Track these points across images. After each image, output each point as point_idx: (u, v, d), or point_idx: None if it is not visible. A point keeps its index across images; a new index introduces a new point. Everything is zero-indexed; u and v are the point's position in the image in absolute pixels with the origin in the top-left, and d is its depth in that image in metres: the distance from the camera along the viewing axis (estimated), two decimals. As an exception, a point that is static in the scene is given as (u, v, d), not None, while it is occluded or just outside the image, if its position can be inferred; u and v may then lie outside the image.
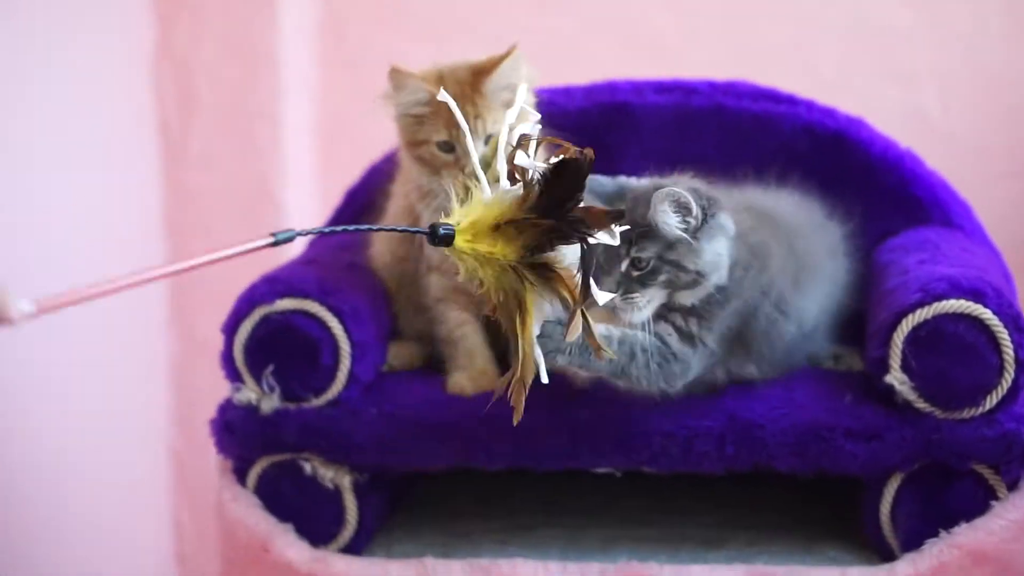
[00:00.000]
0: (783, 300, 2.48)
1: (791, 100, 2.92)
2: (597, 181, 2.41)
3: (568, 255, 1.95)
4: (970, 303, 2.38)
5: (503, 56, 2.47)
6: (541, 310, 1.98)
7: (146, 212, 3.67)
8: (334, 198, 3.59)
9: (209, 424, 2.58)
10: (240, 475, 2.58)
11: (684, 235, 2.30)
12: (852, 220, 2.74)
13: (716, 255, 2.34)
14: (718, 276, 2.36)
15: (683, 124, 2.89)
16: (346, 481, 2.54)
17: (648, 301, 2.33)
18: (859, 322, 2.68)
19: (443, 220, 1.93)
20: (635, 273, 2.33)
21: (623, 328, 2.33)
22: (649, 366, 2.33)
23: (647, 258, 2.32)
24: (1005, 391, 2.39)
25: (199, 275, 3.59)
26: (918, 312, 2.40)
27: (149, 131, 3.66)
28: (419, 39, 3.71)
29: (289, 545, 2.52)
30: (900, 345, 2.41)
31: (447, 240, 1.91)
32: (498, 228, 1.94)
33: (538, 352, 2.00)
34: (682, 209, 2.29)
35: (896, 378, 2.41)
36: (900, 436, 2.41)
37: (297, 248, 3.18)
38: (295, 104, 3.70)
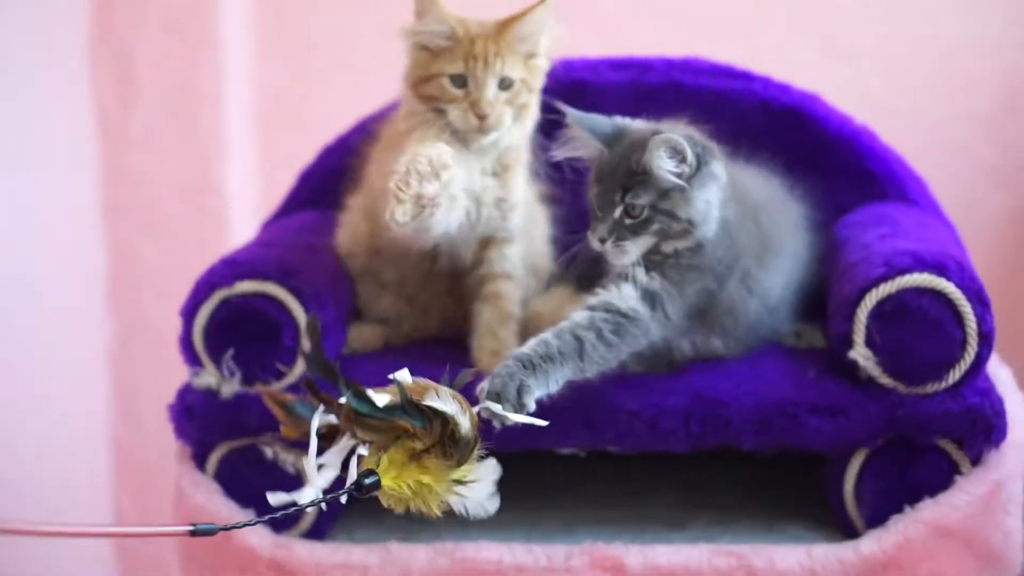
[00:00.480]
0: (749, 276, 2.49)
1: (746, 76, 2.92)
2: (594, 120, 2.43)
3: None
4: (934, 277, 2.39)
5: (532, 7, 2.46)
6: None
7: (85, 196, 3.62)
8: (275, 181, 3.56)
9: (168, 409, 2.54)
10: (199, 461, 2.54)
11: (679, 181, 2.33)
12: (809, 195, 2.74)
13: (707, 203, 2.37)
14: (707, 227, 2.38)
15: (639, 101, 2.87)
16: (307, 465, 2.51)
17: (636, 248, 2.37)
18: (819, 298, 2.69)
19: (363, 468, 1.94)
20: (628, 221, 2.36)
21: (555, 327, 2.33)
22: (602, 339, 2.33)
23: (641, 206, 2.35)
24: (968, 365, 2.40)
25: (139, 260, 3.59)
26: (882, 286, 2.40)
27: (88, 115, 3.60)
28: (361, 20, 3.68)
29: (251, 531, 2.49)
30: (864, 320, 2.41)
31: (374, 487, 1.91)
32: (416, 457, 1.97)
33: (497, 407, 2.11)
34: (677, 155, 2.32)
35: (860, 353, 2.42)
36: (864, 411, 2.41)
37: (252, 230, 3.15)
38: (236, 87, 3.66)
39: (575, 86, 2.87)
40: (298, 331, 2.47)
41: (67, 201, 3.56)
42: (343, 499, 1.95)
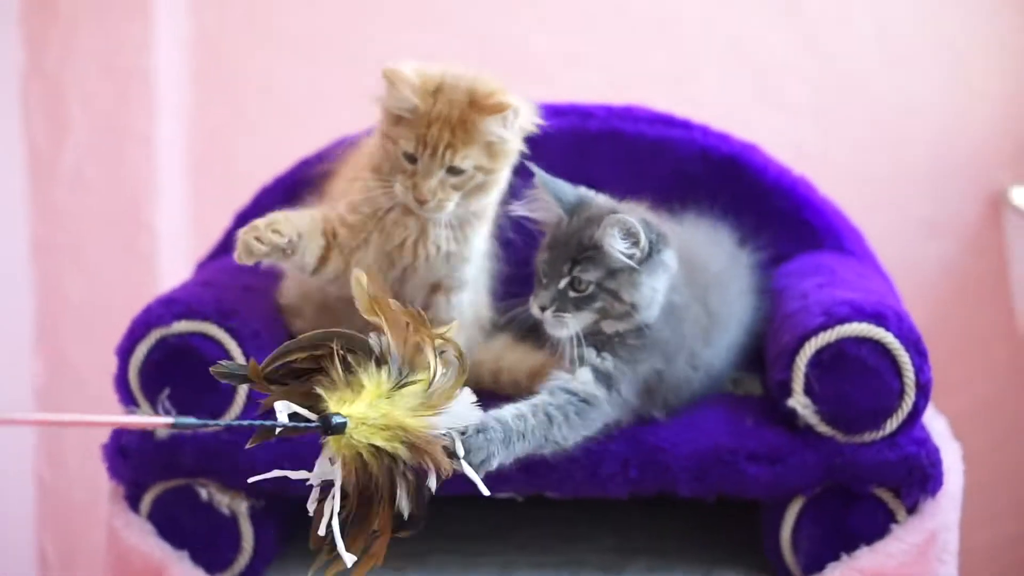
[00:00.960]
0: (694, 356, 2.51)
1: (686, 125, 2.94)
2: (560, 186, 2.42)
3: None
4: (873, 326, 2.41)
5: (498, 108, 2.40)
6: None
7: (13, 232, 3.57)
8: (207, 219, 3.54)
9: (101, 449, 2.51)
10: (133, 501, 2.51)
11: (628, 262, 2.33)
12: (746, 244, 2.75)
13: (653, 291, 2.37)
14: (649, 312, 2.38)
15: (580, 147, 2.89)
16: (242, 507, 2.49)
17: (576, 322, 2.36)
18: (757, 347, 2.70)
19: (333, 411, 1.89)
20: (572, 294, 2.35)
21: (528, 401, 2.32)
22: (568, 421, 2.33)
23: (588, 281, 2.35)
24: (906, 414, 2.41)
25: (66, 297, 3.54)
26: (821, 335, 2.42)
27: (17, 151, 3.56)
28: (293, 58, 3.67)
29: (185, 573, 2.46)
30: (803, 368, 2.42)
31: (340, 429, 1.87)
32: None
33: (469, 469, 2.02)
34: (631, 237, 2.32)
35: (799, 402, 2.43)
36: (802, 459, 2.42)
37: (182, 269, 3.12)
38: (168, 124, 3.63)
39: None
40: (236, 372, 2.44)
41: (-5, 238, 3.51)
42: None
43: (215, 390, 2.44)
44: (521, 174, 2.50)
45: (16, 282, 3.59)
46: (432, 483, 1.93)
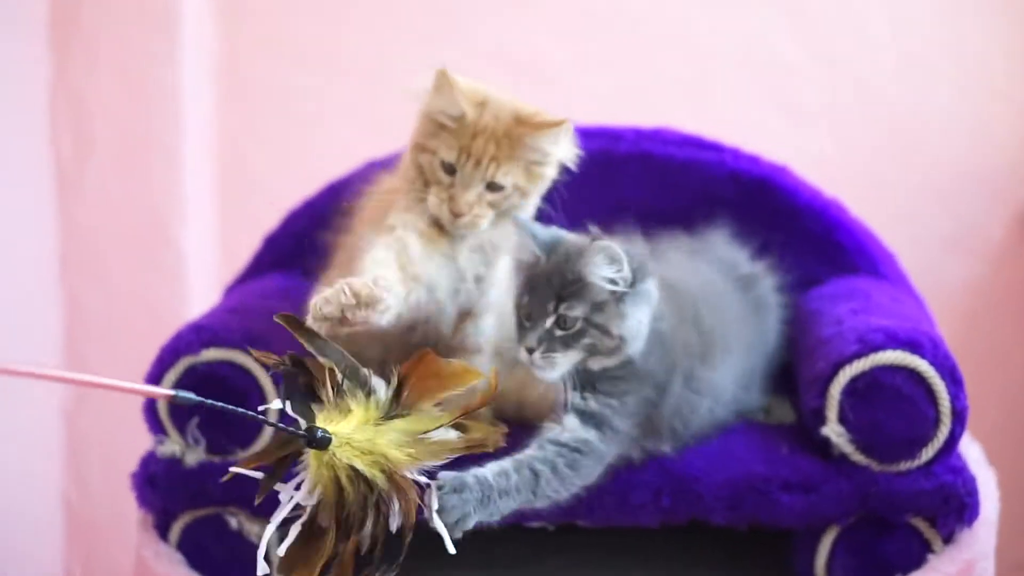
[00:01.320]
0: (693, 378, 2.45)
1: (716, 147, 2.92)
2: (535, 226, 2.36)
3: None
4: (908, 354, 2.38)
5: (551, 124, 2.37)
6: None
7: (39, 250, 3.56)
8: (232, 235, 3.53)
9: (130, 478, 2.50)
10: (162, 530, 2.50)
11: (615, 288, 2.27)
12: (778, 267, 2.73)
13: (638, 323, 2.31)
14: (636, 344, 2.32)
15: (609, 169, 2.87)
16: (272, 537, 2.47)
17: (566, 361, 2.30)
18: (787, 371, 2.68)
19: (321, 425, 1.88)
20: (559, 332, 2.29)
21: (514, 457, 2.26)
22: (557, 474, 2.27)
23: (574, 317, 2.28)
24: (941, 443, 2.39)
25: (93, 315, 3.53)
26: (855, 363, 2.39)
27: (44, 166, 3.55)
28: (318, 75, 3.66)
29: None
30: (837, 396, 2.40)
31: (324, 443, 1.85)
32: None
33: (440, 526, 2.04)
34: (615, 263, 2.26)
35: (833, 430, 2.41)
36: (836, 488, 2.40)
37: (213, 290, 3.11)
38: (193, 141, 3.62)
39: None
40: (264, 400, 2.43)
41: (22, 254, 3.50)
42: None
43: (244, 420, 2.42)
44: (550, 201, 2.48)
45: (42, 297, 3.58)
46: (394, 524, 1.92)
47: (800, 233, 2.87)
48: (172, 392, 1.70)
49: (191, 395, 1.71)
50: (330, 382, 1.92)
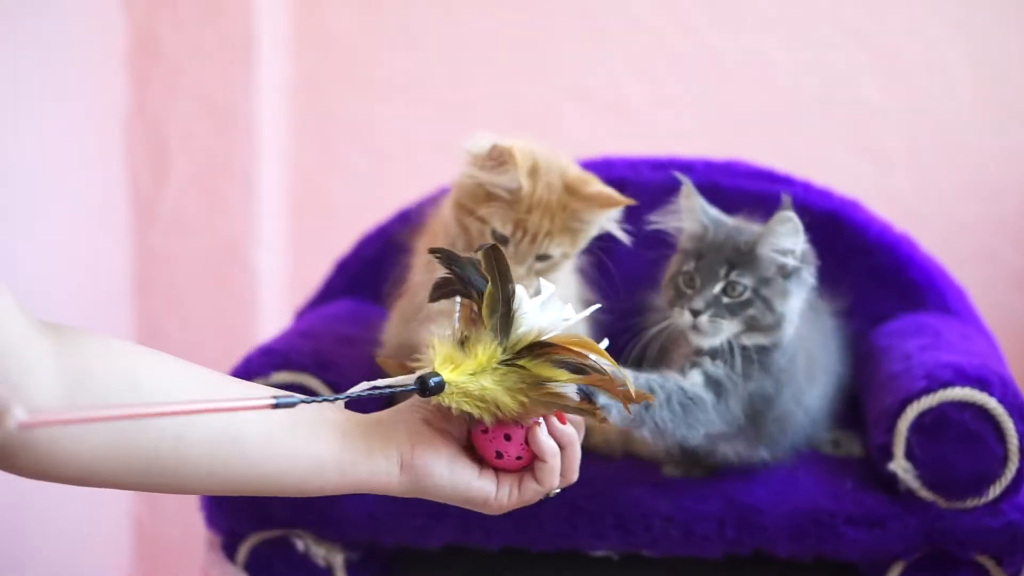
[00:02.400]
0: (800, 392, 2.46)
1: (787, 180, 2.91)
2: (701, 198, 2.41)
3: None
4: (976, 392, 2.38)
5: (619, 202, 2.36)
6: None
7: (115, 276, 3.61)
8: (305, 264, 3.57)
9: (199, 498, 2.52)
10: (229, 551, 2.52)
11: (789, 262, 2.32)
12: (846, 301, 2.73)
13: (797, 306, 2.36)
14: (789, 329, 2.36)
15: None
16: (338, 559, 2.50)
17: (730, 329, 2.34)
18: (854, 405, 2.67)
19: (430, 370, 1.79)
20: (725, 300, 2.33)
21: (640, 374, 2.26)
22: (670, 405, 2.26)
23: (744, 286, 2.32)
24: (1009, 481, 2.38)
25: (165, 338, 3.57)
26: (923, 399, 2.39)
27: (120, 193, 3.60)
28: (392, 103, 3.70)
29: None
30: (904, 432, 2.40)
31: (438, 389, 1.82)
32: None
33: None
34: (796, 236, 2.32)
35: (900, 466, 2.40)
36: (902, 524, 2.39)
37: (287, 317, 3.14)
38: (268, 167, 3.66)
39: (615, 184, 2.85)
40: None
41: (98, 276, 3.55)
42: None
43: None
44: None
45: (116, 322, 3.63)
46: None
47: (870, 268, 2.86)
48: (272, 401, 1.68)
49: (292, 396, 1.69)
50: (463, 313, 1.87)
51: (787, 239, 2.32)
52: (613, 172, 2.89)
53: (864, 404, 2.66)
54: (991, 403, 2.37)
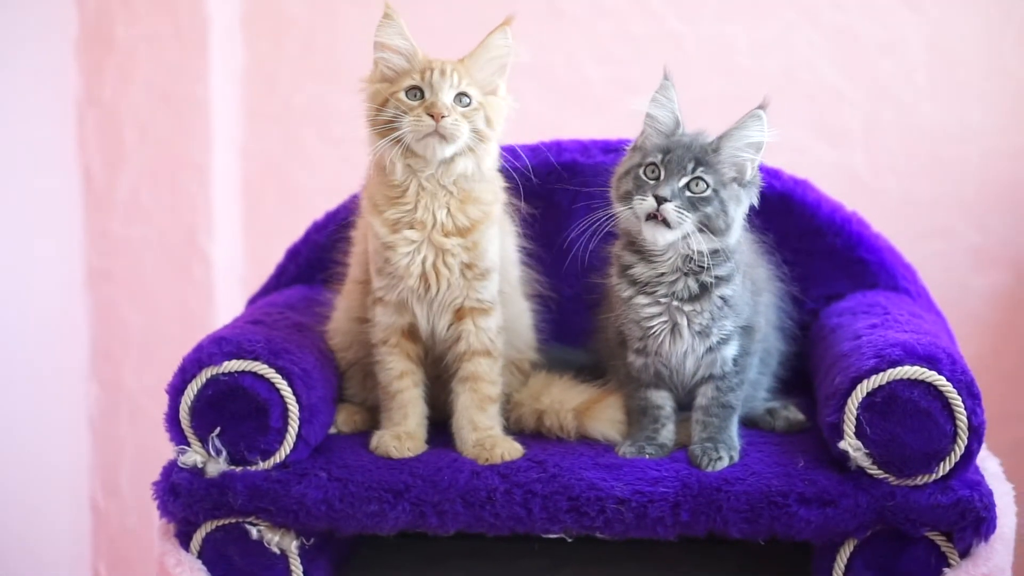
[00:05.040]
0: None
1: (738, 161, 2.92)
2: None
3: None
4: (925, 369, 2.39)
5: (488, 34, 2.53)
6: None
7: (70, 264, 3.60)
8: (262, 251, 3.55)
9: (152, 487, 2.51)
10: (184, 539, 2.51)
11: (750, 159, 2.47)
12: (792, 279, 2.75)
13: (743, 216, 2.50)
14: (734, 236, 2.48)
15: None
16: (292, 545, 2.49)
17: (686, 225, 2.44)
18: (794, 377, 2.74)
19: None
20: (688, 194, 2.43)
21: None
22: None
23: (707, 183, 2.43)
24: (958, 457, 2.39)
25: (122, 325, 3.57)
26: (873, 378, 2.40)
27: (74, 182, 3.60)
28: (347, 91, 3.68)
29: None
30: (855, 411, 2.40)
31: None
32: None
33: None
34: (760, 135, 2.47)
35: (850, 444, 2.41)
36: (854, 502, 2.40)
37: (240, 307, 3.13)
38: (222, 154, 3.65)
39: (566, 167, 2.88)
40: (286, 411, 2.45)
41: (51, 265, 3.54)
42: None
43: (266, 430, 2.45)
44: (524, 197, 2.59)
45: (72, 308, 3.62)
46: None
47: (821, 248, 2.88)
48: None
49: None
50: None
51: (756, 134, 2.45)
52: (564, 155, 2.90)
53: (815, 383, 2.67)
54: (940, 381, 2.38)
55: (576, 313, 2.84)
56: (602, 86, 3.62)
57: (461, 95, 2.48)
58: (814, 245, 2.88)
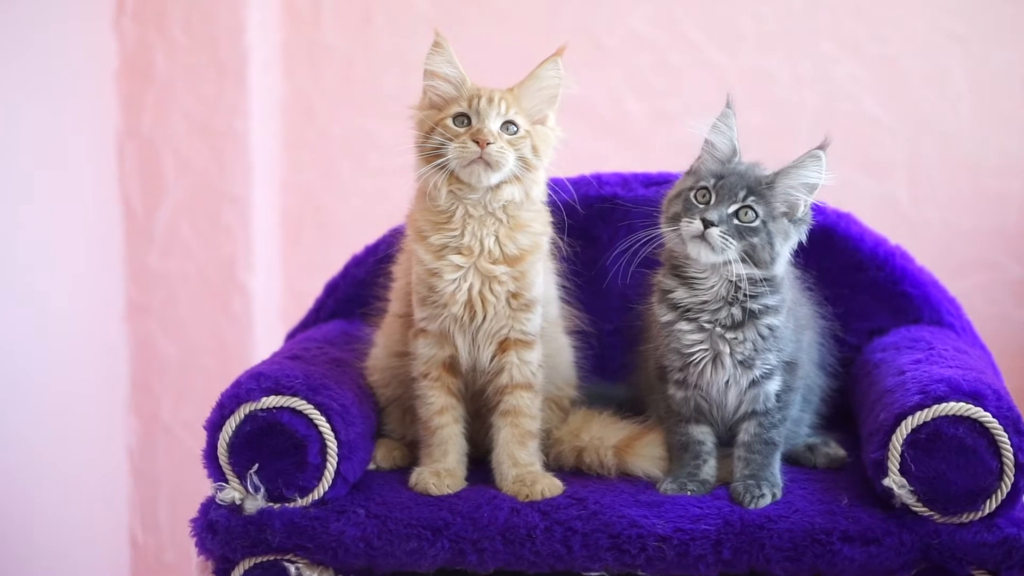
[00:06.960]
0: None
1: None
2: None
3: None
4: (970, 406, 2.36)
5: (539, 64, 2.54)
6: None
7: (109, 297, 3.61)
8: (301, 284, 3.55)
9: (190, 524, 2.50)
10: (222, 576, 2.50)
11: (803, 199, 2.46)
12: (837, 317, 2.73)
13: (790, 252, 2.50)
14: (778, 270, 2.48)
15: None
16: (331, 584, 2.48)
17: (731, 252, 2.44)
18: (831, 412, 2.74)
19: None
20: (736, 222, 2.44)
21: None
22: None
23: (757, 213, 2.44)
24: (1005, 495, 2.36)
25: (161, 358, 3.57)
26: (918, 415, 2.37)
27: (114, 215, 3.60)
28: (385, 120, 3.68)
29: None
30: (899, 448, 2.38)
31: None
32: None
33: None
34: (818, 176, 2.46)
35: (895, 481, 2.38)
36: (898, 540, 2.37)
37: (279, 341, 3.13)
38: (261, 187, 3.65)
39: (606, 200, 2.86)
40: (324, 447, 2.44)
41: (91, 298, 3.55)
42: None
43: (304, 466, 2.44)
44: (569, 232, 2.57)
45: (111, 342, 3.62)
46: None
47: (864, 282, 2.86)
48: None
49: None
50: None
51: (813, 174, 2.44)
52: (604, 189, 2.88)
53: (858, 419, 2.64)
54: (986, 417, 2.35)
55: (616, 348, 2.82)
56: (641, 118, 3.61)
57: (508, 123, 2.49)
58: (857, 279, 2.85)
